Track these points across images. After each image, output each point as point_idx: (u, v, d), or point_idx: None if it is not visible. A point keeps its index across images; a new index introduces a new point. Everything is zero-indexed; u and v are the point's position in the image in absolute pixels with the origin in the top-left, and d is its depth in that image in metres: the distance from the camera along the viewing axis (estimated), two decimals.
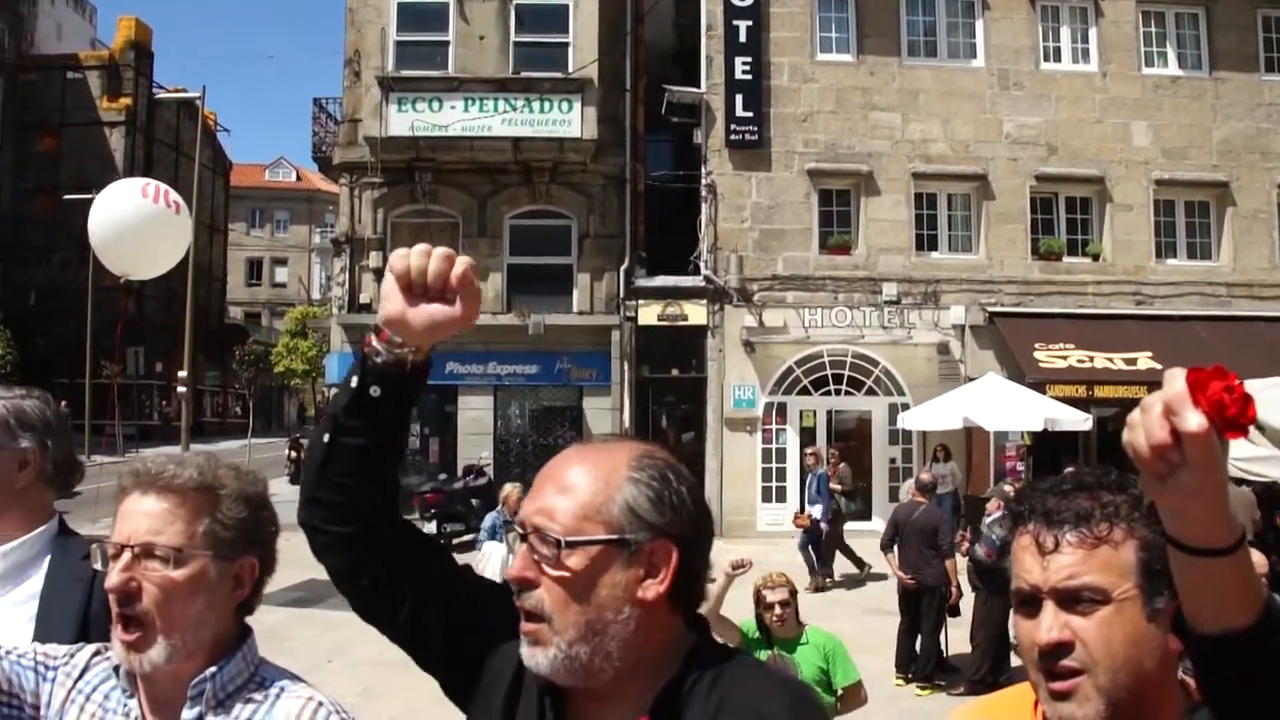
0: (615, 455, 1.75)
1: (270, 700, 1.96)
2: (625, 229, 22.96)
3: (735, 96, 22.83)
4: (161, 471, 1.97)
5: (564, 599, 1.65)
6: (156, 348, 52.56)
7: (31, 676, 2.03)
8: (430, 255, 1.82)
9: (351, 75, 23.38)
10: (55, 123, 55.77)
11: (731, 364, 22.50)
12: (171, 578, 1.91)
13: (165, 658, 1.90)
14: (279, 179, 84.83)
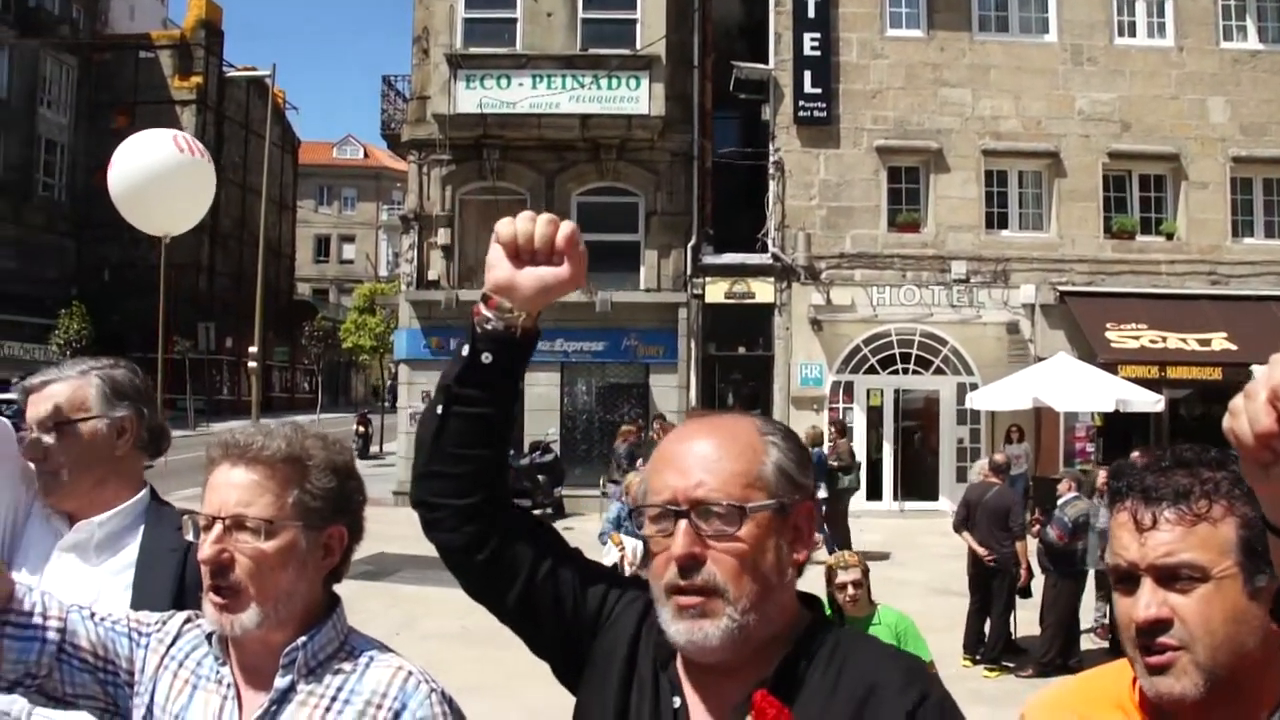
0: (741, 423, 1.79)
1: (360, 669, 1.97)
2: (692, 206, 22.90)
3: (804, 73, 22.69)
4: (250, 443, 1.98)
5: (737, 570, 1.67)
6: (227, 323, 53.29)
7: (126, 643, 2.07)
8: (535, 220, 1.84)
9: (420, 53, 23.47)
10: (128, 102, 56.49)
11: (799, 342, 22.42)
12: (262, 549, 1.93)
13: (256, 623, 1.92)
14: (347, 156, 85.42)
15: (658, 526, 1.71)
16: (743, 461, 1.71)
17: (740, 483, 1.69)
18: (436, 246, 23.10)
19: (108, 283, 52.70)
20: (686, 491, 1.69)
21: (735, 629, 1.66)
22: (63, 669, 2.00)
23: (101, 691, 2.05)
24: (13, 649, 1.96)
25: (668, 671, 1.78)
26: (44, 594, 2.05)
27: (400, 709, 1.92)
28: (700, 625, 1.66)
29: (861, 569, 6.53)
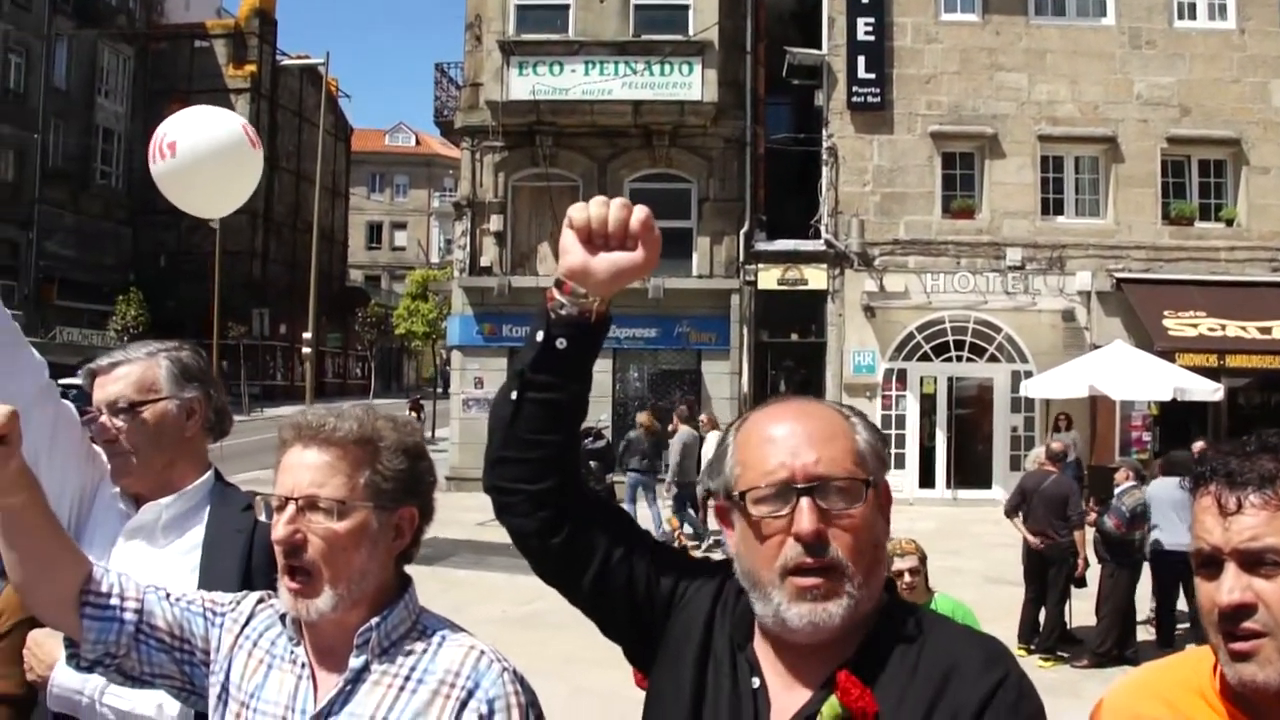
0: (824, 406, 1.81)
1: (433, 649, 1.99)
2: (745, 192, 22.85)
3: (857, 58, 22.55)
4: (322, 424, 1.99)
5: (855, 546, 1.68)
6: (280, 309, 53.86)
7: (201, 622, 2.09)
8: (609, 205, 1.84)
9: (473, 40, 23.52)
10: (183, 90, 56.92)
11: (851, 329, 22.33)
12: (335, 530, 1.94)
13: (331, 606, 1.94)
14: (398, 144, 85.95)
15: (770, 508, 1.70)
16: (846, 439, 1.74)
17: (851, 459, 1.71)
18: (489, 233, 23.19)
19: (163, 269, 53.39)
20: (806, 469, 1.69)
21: (853, 606, 1.67)
22: (140, 649, 2.02)
23: (178, 671, 2.07)
24: (92, 629, 1.99)
25: (745, 652, 1.78)
26: (121, 575, 2.08)
27: (473, 688, 1.93)
28: (825, 606, 1.67)
29: (919, 556, 6.49)
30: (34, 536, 1.96)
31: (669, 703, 1.83)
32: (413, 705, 1.92)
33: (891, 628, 1.72)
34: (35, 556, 1.97)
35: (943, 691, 1.63)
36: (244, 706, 2.01)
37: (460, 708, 1.91)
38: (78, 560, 2.02)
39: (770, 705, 1.73)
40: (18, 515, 1.93)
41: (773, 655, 1.76)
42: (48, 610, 2.04)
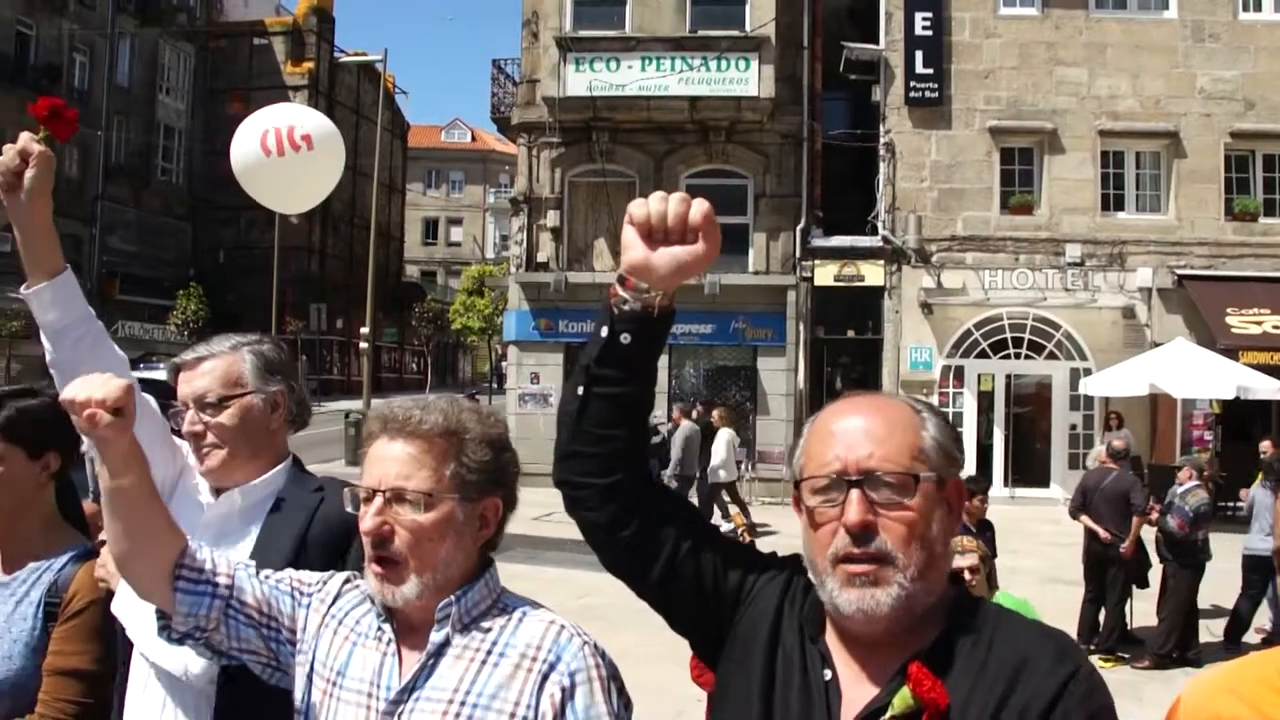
0: (894, 401, 1.85)
1: (514, 623, 2.02)
2: (802, 188, 22.78)
3: (915, 53, 22.41)
4: (409, 417, 2.03)
5: (906, 538, 1.71)
6: (338, 305, 54.25)
7: (288, 601, 2.15)
8: (668, 200, 1.86)
9: (530, 36, 23.60)
10: (243, 87, 57.61)
11: (908, 326, 22.21)
12: (421, 522, 1.98)
13: (417, 594, 1.98)
14: (454, 140, 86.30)
15: (824, 497, 1.75)
16: (907, 434, 1.76)
17: (908, 454, 1.74)
18: (546, 229, 23.27)
19: (222, 264, 53.93)
20: (858, 462, 1.72)
21: (903, 597, 1.69)
22: (229, 624, 2.08)
23: (264, 647, 2.12)
24: (184, 603, 2.05)
25: (818, 645, 1.80)
26: (214, 552, 2.14)
27: (555, 661, 1.96)
28: (872, 593, 1.69)
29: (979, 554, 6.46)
30: (138, 509, 2.03)
31: (739, 696, 1.85)
32: (495, 678, 1.96)
33: (962, 622, 1.74)
34: (137, 528, 2.04)
35: (1014, 685, 1.64)
36: (330, 684, 2.06)
37: (542, 680, 1.95)
38: (175, 535, 2.09)
39: (842, 697, 1.74)
40: (126, 488, 2.01)
41: (844, 648, 1.78)
42: (143, 582, 2.09)
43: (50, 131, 2.54)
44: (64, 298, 2.56)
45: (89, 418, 1.93)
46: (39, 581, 2.77)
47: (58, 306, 2.55)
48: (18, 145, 2.47)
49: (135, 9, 50.93)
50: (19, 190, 2.47)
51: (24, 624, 2.71)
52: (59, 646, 2.67)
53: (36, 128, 2.54)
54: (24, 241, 2.53)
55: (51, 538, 2.87)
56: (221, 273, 52.84)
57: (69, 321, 2.57)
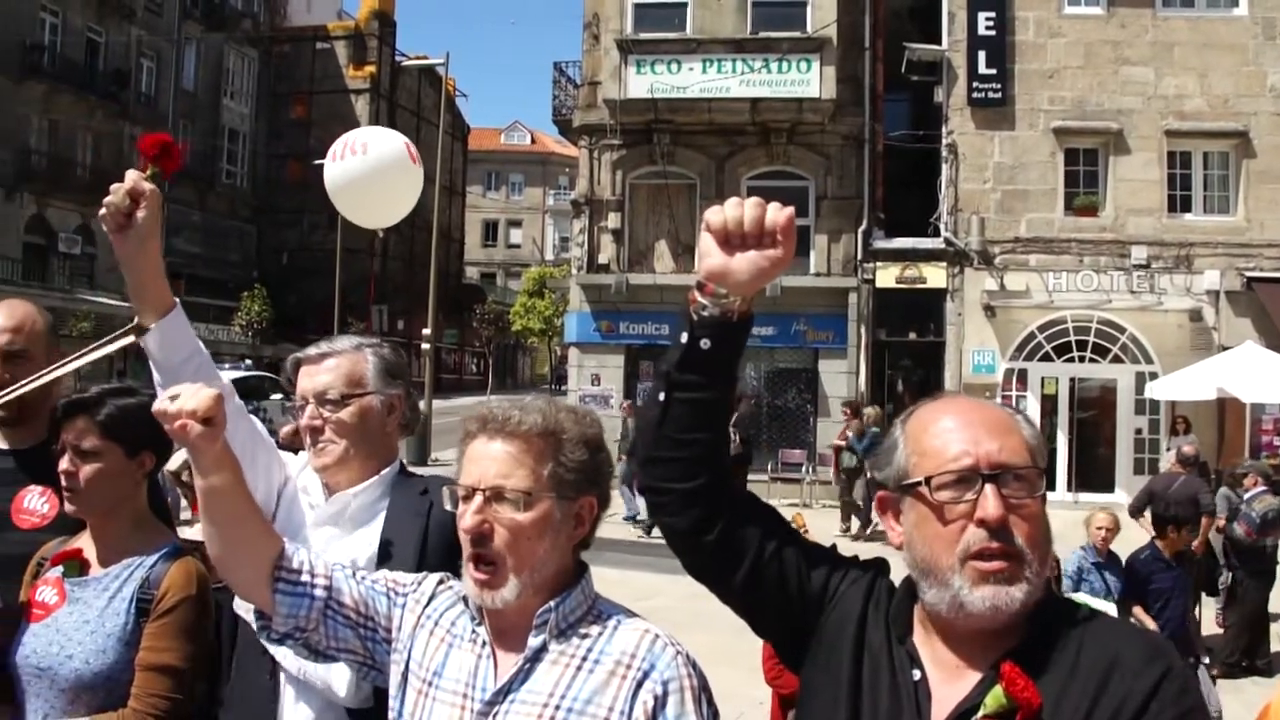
0: (983, 400, 1.86)
1: (609, 631, 2.04)
2: (863, 190, 22.67)
3: (978, 53, 22.23)
4: (508, 417, 2.06)
5: (1033, 534, 1.72)
6: (399, 306, 54.70)
7: (384, 601, 2.19)
8: (744, 205, 1.86)
9: (591, 39, 23.67)
10: (305, 91, 58.40)
11: (971, 328, 22.04)
12: (520, 520, 2.00)
13: (515, 594, 2.01)
14: (514, 142, 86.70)
15: (951, 493, 1.73)
16: (1022, 430, 1.78)
17: (1029, 449, 1.75)
18: (607, 230, 23.34)
19: (285, 266, 54.53)
20: (990, 456, 1.72)
21: (1032, 592, 1.70)
22: (327, 624, 2.12)
23: (361, 646, 2.17)
24: (284, 603, 2.10)
25: (905, 645, 1.80)
26: (311, 554, 2.19)
27: (649, 669, 1.97)
28: (1008, 590, 1.70)
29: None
30: (233, 514, 2.08)
31: (826, 697, 1.85)
32: (590, 685, 1.98)
33: (1051, 622, 1.74)
34: (234, 533, 2.10)
35: (1105, 685, 1.64)
36: (426, 684, 2.10)
37: (636, 688, 1.96)
38: (272, 538, 2.14)
39: (931, 697, 1.75)
40: (220, 493, 2.06)
41: (932, 648, 1.78)
42: (243, 584, 2.15)
43: (159, 169, 2.52)
44: (176, 333, 2.57)
45: (180, 428, 1.98)
46: (131, 577, 2.83)
47: (169, 343, 2.56)
48: (126, 185, 2.44)
49: (201, 15, 51.72)
50: (129, 230, 2.46)
51: (117, 619, 2.77)
52: (151, 642, 2.73)
53: (143, 165, 2.52)
54: (134, 284, 2.52)
55: (143, 535, 2.93)
56: (284, 274, 53.46)
57: (183, 356, 2.58)
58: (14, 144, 41.83)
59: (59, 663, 2.72)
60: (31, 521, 3.16)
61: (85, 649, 2.73)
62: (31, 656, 2.76)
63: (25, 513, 3.18)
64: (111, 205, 2.44)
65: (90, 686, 2.71)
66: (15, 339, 3.30)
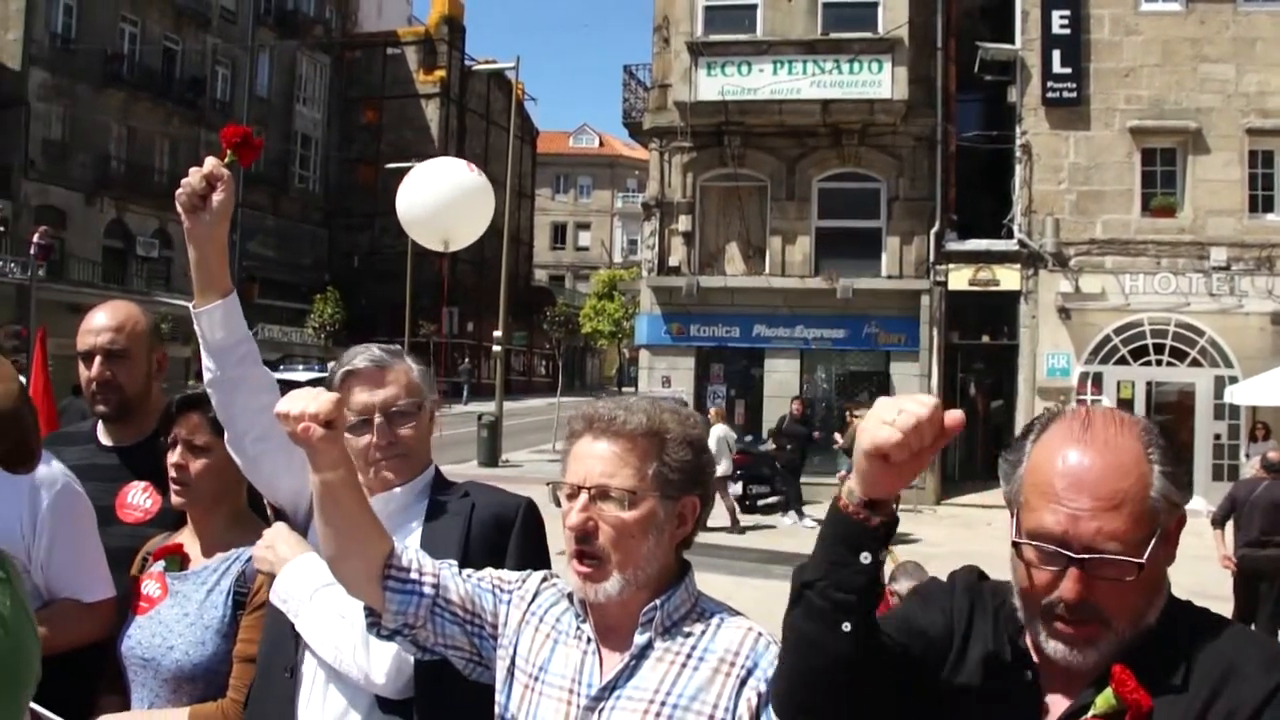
0: (1125, 442, 1.70)
1: (713, 629, 2.05)
2: (936, 191, 22.48)
3: (1052, 52, 21.97)
4: (613, 417, 2.08)
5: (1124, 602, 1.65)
6: (469, 309, 55.12)
7: (490, 599, 2.21)
8: (912, 415, 1.61)
9: (661, 41, 23.69)
10: (376, 96, 59.09)
11: (1045, 331, 21.78)
12: (624, 518, 2.02)
13: (618, 590, 2.02)
14: (582, 145, 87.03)
15: (1039, 557, 1.67)
16: (1137, 500, 1.65)
17: (1138, 526, 1.64)
18: (677, 233, 23.35)
19: (357, 269, 55.11)
20: (1083, 540, 1.64)
21: (1116, 644, 1.66)
22: (435, 621, 2.15)
23: (468, 643, 2.19)
24: (394, 601, 2.12)
25: (1018, 645, 1.78)
26: (418, 552, 2.21)
27: (752, 667, 1.99)
28: (1081, 652, 1.67)
29: None
30: (348, 513, 2.11)
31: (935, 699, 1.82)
32: (694, 682, 1.99)
33: (1168, 624, 1.71)
34: (348, 532, 2.12)
35: (1219, 691, 1.61)
36: (532, 679, 2.13)
37: (740, 686, 1.97)
38: (383, 537, 2.16)
39: (1044, 697, 1.73)
40: (336, 494, 2.09)
41: (1043, 649, 1.74)
42: (355, 582, 2.17)
43: (236, 157, 2.59)
44: (232, 317, 2.61)
45: (303, 430, 2.02)
46: (229, 571, 2.93)
47: (226, 326, 2.60)
48: (204, 169, 2.50)
49: (274, 22, 52.54)
50: (202, 212, 2.52)
51: (215, 611, 2.87)
52: (247, 634, 2.80)
53: (221, 152, 2.58)
54: (199, 261, 2.58)
55: (241, 529, 3.01)
56: (356, 277, 54.04)
57: (235, 340, 2.62)
58: (94, 151, 42.79)
59: (161, 654, 2.82)
60: (135, 516, 3.28)
61: (186, 640, 2.83)
62: (136, 648, 2.86)
63: (129, 507, 3.30)
64: (188, 186, 2.50)
65: (191, 677, 2.81)
66: (117, 338, 3.42)
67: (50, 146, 41.35)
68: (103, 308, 3.53)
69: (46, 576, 2.91)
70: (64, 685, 2.27)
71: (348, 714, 2.49)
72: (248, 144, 2.60)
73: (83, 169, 42.46)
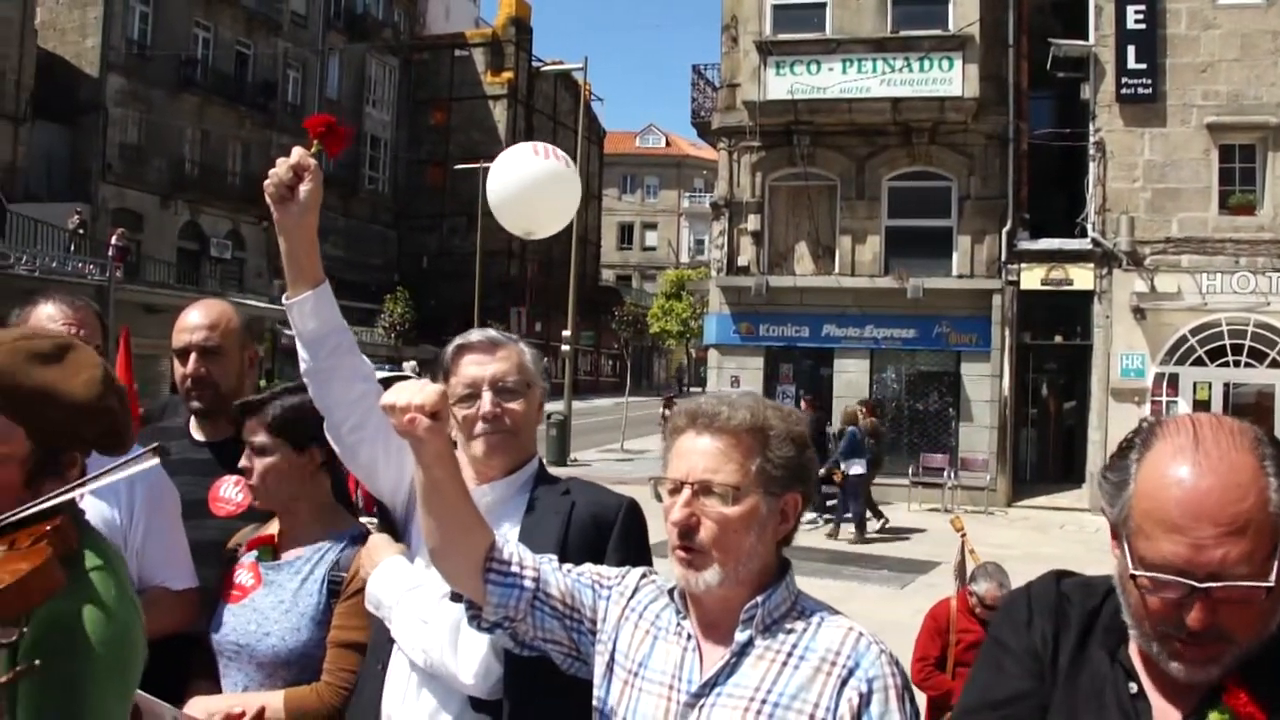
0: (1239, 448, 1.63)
1: (813, 628, 2.04)
2: (1007, 190, 22.24)
3: (1127, 47, 21.63)
4: (717, 413, 2.07)
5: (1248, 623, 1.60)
6: (537, 309, 55.38)
7: (589, 593, 2.22)
8: None
9: (729, 41, 23.67)
10: (444, 98, 59.56)
11: (1119, 331, 21.45)
12: (727, 514, 2.01)
13: (719, 581, 2.02)
14: (649, 146, 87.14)
15: (1156, 588, 1.61)
16: (1259, 524, 1.57)
17: (1262, 546, 1.57)
18: (746, 233, 23.30)
19: (425, 269, 55.55)
20: (1208, 567, 1.56)
21: (1237, 658, 1.61)
22: (535, 615, 2.17)
23: (566, 638, 2.21)
24: (495, 594, 2.14)
25: (1119, 658, 1.74)
26: (519, 546, 2.23)
27: (854, 667, 1.97)
28: (1205, 669, 1.62)
29: None
30: (451, 506, 2.14)
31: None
32: (795, 680, 1.98)
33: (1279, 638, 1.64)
34: (450, 524, 2.15)
35: None
36: (632, 675, 2.13)
37: (841, 685, 1.95)
38: (484, 529, 2.18)
39: (1151, 710, 1.68)
40: (441, 486, 2.12)
41: (1151, 661, 1.70)
42: (457, 575, 2.19)
43: (324, 147, 2.60)
44: (324, 308, 2.62)
45: (410, 422, 2.04)
46: (323, 560, 3.01)
47: (318, 316, 2.62)
48: (291, 160, 2.51)
49: (344, 26, 53.14)
50: (291, 203, 2.53)
51: (309, 600, 2.96)
52: (341, 621, 2.88)
53: (307, 142, 2.60)
54: (289, 252, 2.60)
55: (328, 522, 3.11)
56: (424, 277, 54.47)
57: (328, 330, 2.64)
58: (169, 154, 43.59)
59: (256, 640, 2.93)
60: (227, 509, 3.38)
61: (281, 627, 2.92)
62: (230, 634, 2.96)
63: (221, 501, 3.39)
64: (276, 177, 2.52)
65: (286, 662, 2.91)
66: (210, 336, 3.50)
67: (127, 151, 42.19)
68: (196, 306, 3.62)
69: (139, 565, 2.98)
70: (156, 672, 2.32)
71: (440, 712, 2.51)
72: (334, 133, 2.62)
73: (158, 172, 43.27)
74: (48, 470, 2.00)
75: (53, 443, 2.00)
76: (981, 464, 21.66)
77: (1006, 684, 1.81)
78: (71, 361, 2.05)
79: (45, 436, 1.99)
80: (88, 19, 41.16)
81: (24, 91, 38.50)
